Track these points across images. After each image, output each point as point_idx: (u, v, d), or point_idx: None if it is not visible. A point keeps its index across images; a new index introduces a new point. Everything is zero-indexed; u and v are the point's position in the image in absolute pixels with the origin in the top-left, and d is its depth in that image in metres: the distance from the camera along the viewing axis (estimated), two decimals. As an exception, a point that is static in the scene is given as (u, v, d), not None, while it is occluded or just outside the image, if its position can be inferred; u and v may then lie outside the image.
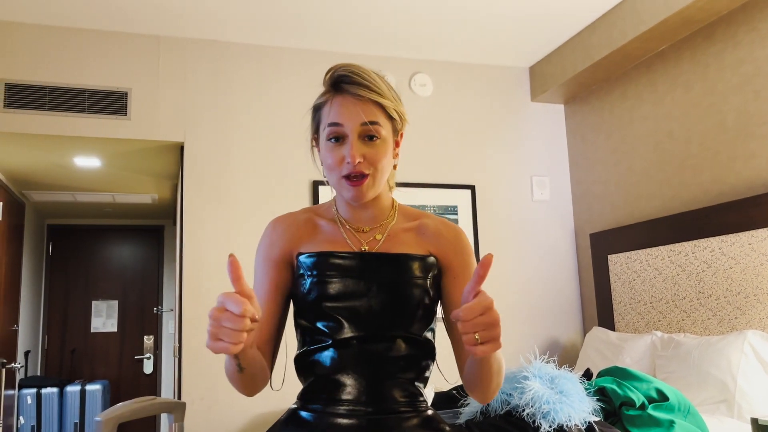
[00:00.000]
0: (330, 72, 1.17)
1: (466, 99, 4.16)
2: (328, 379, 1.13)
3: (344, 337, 1.12)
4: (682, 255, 3.30)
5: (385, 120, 1.16)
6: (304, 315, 1.17)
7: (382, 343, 1.12)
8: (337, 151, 1.14)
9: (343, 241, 1.19)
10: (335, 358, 1.12)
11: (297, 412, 1.16)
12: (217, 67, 3.71)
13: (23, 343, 4.92)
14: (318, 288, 1.14)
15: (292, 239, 1.21)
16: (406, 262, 1.16)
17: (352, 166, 1.11)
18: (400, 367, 1.13)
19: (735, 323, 2.99)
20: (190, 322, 3.46)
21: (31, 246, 5.20)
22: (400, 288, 1.14)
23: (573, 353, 4.03)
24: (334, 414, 1.10)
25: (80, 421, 4.77)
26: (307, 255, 1.17)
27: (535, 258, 4.12)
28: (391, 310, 1.13)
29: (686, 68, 3.40)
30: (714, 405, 2.70)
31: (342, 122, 1.13)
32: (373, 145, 1.14)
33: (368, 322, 1.12)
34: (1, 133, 3.36)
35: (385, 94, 1.15)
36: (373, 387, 1.11)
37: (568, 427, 2.29)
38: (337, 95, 1.15)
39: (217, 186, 3.61)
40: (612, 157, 3.95)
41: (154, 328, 6.06)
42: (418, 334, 1.16)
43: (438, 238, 1.22)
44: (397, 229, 1.22)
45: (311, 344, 1.16)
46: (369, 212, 1.22)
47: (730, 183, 3.13)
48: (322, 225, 1.23)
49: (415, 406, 1.15)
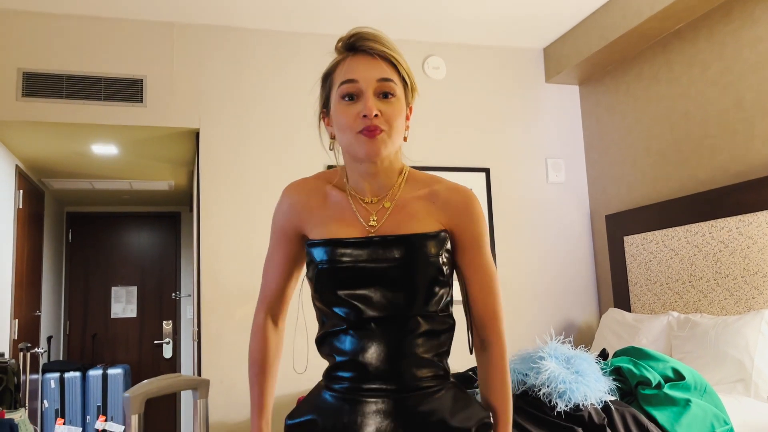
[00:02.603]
0: (345, 37, 1.18)
1: (479, 81, 4.14)
2: (349, 362, 1.13)
3: (362, 321, 1.13)
4: (698, 235, 3.29)
5: (399, 81, 1.16)
6: (320, 300, 1.18)
7: (399, 323, 1.12)
8: (352, 108, 1.13)
9: (351, 215, 1.18)
10: (354, 340, 1.13)
11: (322, 391, 1.19)
12: (232, 53, 3.72)
13: (46, 328, 5.02)
14: (330, 277, 1.14)
15: (302, 212, 1.23)
16: (416, 242, 1.14)
17: (369, 120, 1.10)
18: (419, 344, 1.13)
19: (752, 303, 2.98)
20: (208, 307, 3.50)
21: (51, 233, 5.28)
22: (413, 269, 1.13)
23: (589, 335, 4.03)
24: (358, 396, 1.12)
25: (103, 404, 4.87)
26: (315, 243, 1.17)
27: (550, 240, 4.12)
28: (406, 291, 1.12)
29: (703, 47, 3.36)
30: (731, 384, 2.70)
31: (357, 78, 1.12)
32: (389, 102, 1.13)
33: (384, 305, 1.12)
34: (20, 122, 3.40)
35: (399, 54, 1.17)
36: (395, 366, 1.11)
37: (584, 406, 2.31)
38: (350, 55, 1.16)
39: (233, 171, 3.64)
40: (628, 138, 3.92)
41: (172, 313, 6.14)
42: (436, 310, 1.16)
43: (448, 207, 1.19)
44: (406, 198, 1.19)
45: (330, 327, 1.17)
46: (379, 181, 1.19)
47: (748, 162, 3.10)
48: (333, 195, 1.22)
49: (438, 380, 1.15)
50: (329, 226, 1.18)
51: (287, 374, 1.85)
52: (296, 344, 1.71)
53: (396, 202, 1.18)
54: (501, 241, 3.97)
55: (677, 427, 2.32)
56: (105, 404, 4.89)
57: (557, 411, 2.29)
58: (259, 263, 3.77)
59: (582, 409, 2.29)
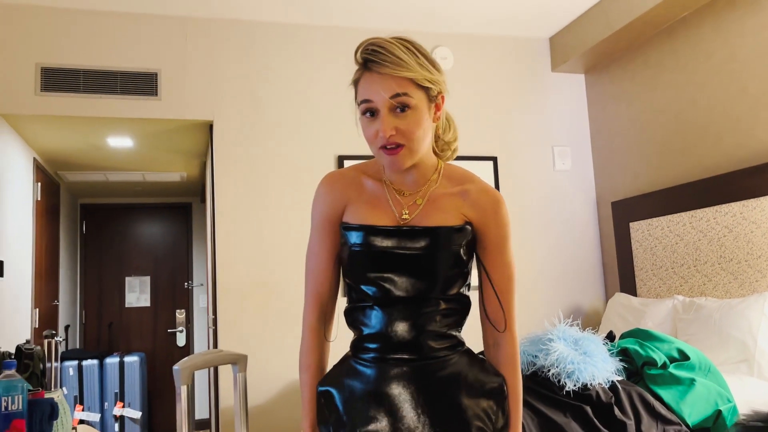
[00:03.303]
0: (357, 50, 1.23)
1: (487, 71, 4.20)
2: (375, 334, 1.25)
3: (387, 299, 1.24)
4: (703, 221, 3.35)
5: (415, 89, 1.19)
6: (350, 277, 1.29)
7: (421, 303, 1.23)
8: (373, 126, 1.21)
9: (386, 204, 1.27)
10: (380, 315, 1.24)
11: (350, 362, 1.30)
12: (244, 46, 3.79)
13: (63, 317, 5.14)
14: (361, 259, 1.24)
15: (341, 198, 1.31)
16: (440, 234, 1.24)
17: (384, 140, 1.18)
18: (438, 320, 1.25)
19: (756, 286, 3.05)
20: (224, 295, 3.60)
21: (66, 225, 5.39)
22: (436, 258, 1.23)
23: (596, 319, 4.12)
24: (383, 364, 1.24)
25: (120, 391, 4.99)
26: (350, 227, 1.27)
27: (557, 227, 4.19)
28: (429, 277, 1.23)
29: (708, 35, 3.41)
30: (734, 365, 2.78)
31: (372, 98, 1.19)
32: (405, 116, 1.19)
33: (408, 288, 1.23)
34: (38, 116, 3.49)
35: (409, 67, 1.18)
36: (416, 338, 1.23)
37: (592, 386, 2.39)
38: (365, 72, 1.22)
39: (246, 162, 3.72)
40: (633, 126, 3.98)
41: (185, 303, 6.25)
42: (454, 293, 1.27)
43: (477, 206, 1.28)
44: (438, 194, 1.28)
45: (357, 301, 1.28)
46: (411, 176, 1.29)
47: (752, 148, 3.16)
48: (369, 185, 1.31)
49: (454, 350, 1.28)
50: (364, 212, 1.27)
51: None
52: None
53: (428, 198, 1.27)
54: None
55: (682, 405, 2.40)
56: (122, 391, 5.01)
57: (566, 390, 2.38)
58: (272, 251, 3.87)
59: (590, 389, 2.38)
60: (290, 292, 3.65)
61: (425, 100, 1.22)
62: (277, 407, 3.55)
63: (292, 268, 3.68)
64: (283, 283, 3.66)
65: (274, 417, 3.52)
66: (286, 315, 3.63)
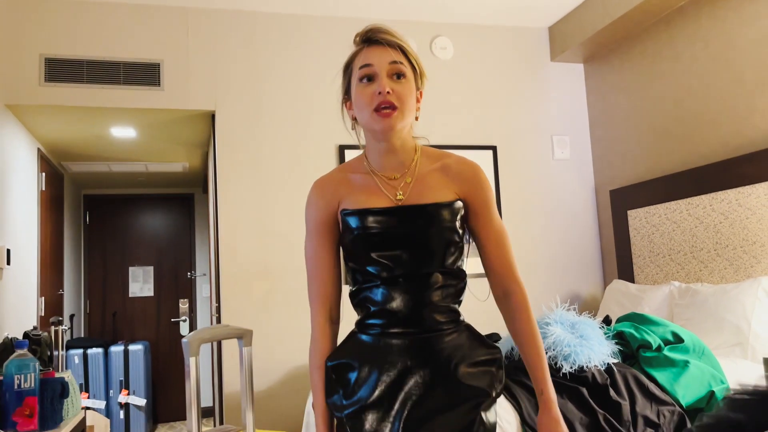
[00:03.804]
0: (361, 32, 1.36)
1: (486, 61, 4.24)
2: (380, 311, 1.32)
3: (391, 277, 1.31)
4: (700, 208, 3.40)
5: (408, 66, 1.33)
6: (354, 261, 1.36)
7: (422, 278, 1.31)
8: (369, 89, 1.31)
9: (379, 191, 1.35)
10: (385, 293, 1.32)
11: (357, 335, 1.38)
12: (245, 36, 3.83)
13: (68, 307, 5.19)
14: (363, 241, 1.32)
15: (333, 199, 1.38)
16: (436, 210, 1.32)
17: (383, 96, 1.28)
18: (438, 294, 1.32)
19: (751, 272, 3.10)
20: (227, 284, 3.65)
21: (70, 216, 5.44)
22: (433, 233, 1.31)
23: (594, 306, 4.17)
24: (388, 337, 1.31)
25: (125, 379, 5.06)
26: (350, 212, 1.34)
27: (556, 215, 4.24)
28: (427, 251, 1.31)
29: (705, 23, 3.44)
30: (729, 348, 2.83)
31: (372, 62, 1.31)
32: (400, 82, 1.31)
33: (409, 264, 1.31)
34: (42, 106, 3.53)
35: (405, 41, 1.35)
36: (418, 313, 1.31)
37: (588, 368, 2.45)
38: (366, 46, 1.35)
39: (248, 151, 3.76)
40: (632, 114, 4.01)
41: (188, 292, 6.31)
42: (451, 267, 1.34)
43: (460, 178, 1.38)
44: (423, 172, 1.37)
45: (363, 282, 1.36)
46: (397, 158, 1.37)
47: (748, 136, 3.20)
48: (357, 179, 1.39)
49: (453, 323, 1.35)
50: (361, 199, 1.35)
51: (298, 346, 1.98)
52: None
53: (416, 177, 1.36)
54: (508, 216, 4.09)
55: (676, 387, 2.46)
56: (127, 379, 5.07)
57: (563, 372, 2.43)
58: (275, 239, 3.92)
59: (586, 371, 2.44)
60: (293, 280, 3.70)
61: (413, 80, 1.35)
62: (281, 393, 3.61)
63: (294, 256, 3.73)
64: (285, 271, 3.71)
65: (277, 402, 3.58)
66: (288, 303, 3.69)
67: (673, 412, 2.41)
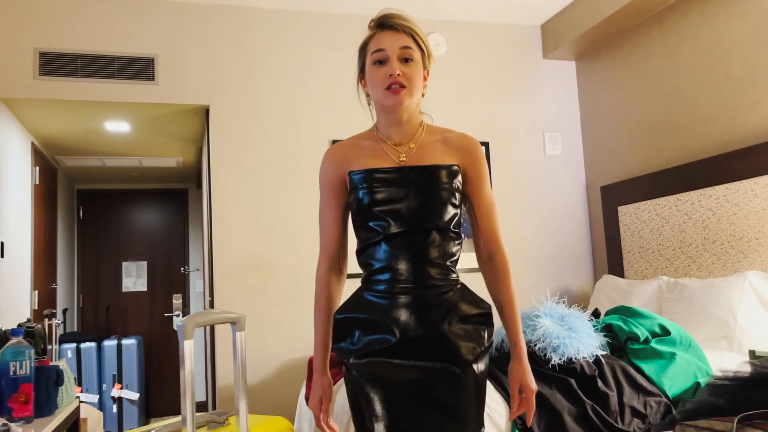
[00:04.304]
0: (376, 17, 1.53)
1: (479, 57, 4.27)
2: (382, 267, 1.45)
3: (392, 233, 1.44)
4: (688, 204, 3.44)
5: (417, 49, 1.49)
6: (360, 218, 1.49)
7: (420, 235, 1.44)
8: (382, 71, 1.47)
9: (384, 154, 1.50)
10: (386, 249, 1.45)
11: (362, 292, 1.51)
12: (240, 32, 3.85)
13: (61, 301, 5.20)
14: (369, 197, 1.46)
15: (342, 162, 1.53)
16: (435, 171, 1.47)
17: (393, 78, 1.44)
18: (435, 252, 1.45)
19: (738, 266, 3.15)
20: (221, 278, 3.67)
21: (63, 210, 5.44)
22: (431, 191, 1.45)
23: (584, 300, 4.21)
24: (389, 292, 1.44)
25: (118, 373, 5.07)
26: (356, 172, 1.49)
27: (548, 211, 4.28)
28: (425, 208, 1.45)
29: (695, 20, 3.48)
30: (715, 341, 2.88)
31: (385, 47, 1.47)
32: (409, 65, 1.47)
33: (408, 220, 1.44)
34: (36, 100, 3.54)
35: (416, 25, 1.51)
36: (417, 269, 1.43)
37: (577, 359, 2.49)
38: (379, 31, 1.50)
39: (242, 146, 3.78)
40: (623, 111, 4.05)
41: (181, 287, 6.32)
42: (447, 226, 1.47)
43: (460, 149, 1.53)
44: (426, 141, 1.53)
45: (367, 240, 1.49)
46: (403, 128, 1.52)
47: (736, 132, 3.24)
48: (366, 145, 1.54)
49: (448, 281, 1.47)
50: (367, 161, 1.50)
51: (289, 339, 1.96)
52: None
53: (419, 144, 1.52)
54: (500, 212, 4.10)
55: (663, 378, 2.50)
56: (120, 373, 5.08)
57: (552, 364, 2.47)
58: (269, 233, 3.94)
59: (574, 362, 2.47)
60: (285, 275, 3.73)
61: (421, 62, 1.50)
62: (274, 385, 3.63)
63: (287, 251, 3.75)
64: (278, 266, 3.74)
65: (270, 395, 3.61)
66: (281, 297, 3.71)
67: (659, 402, 2.45)
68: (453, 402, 1.41)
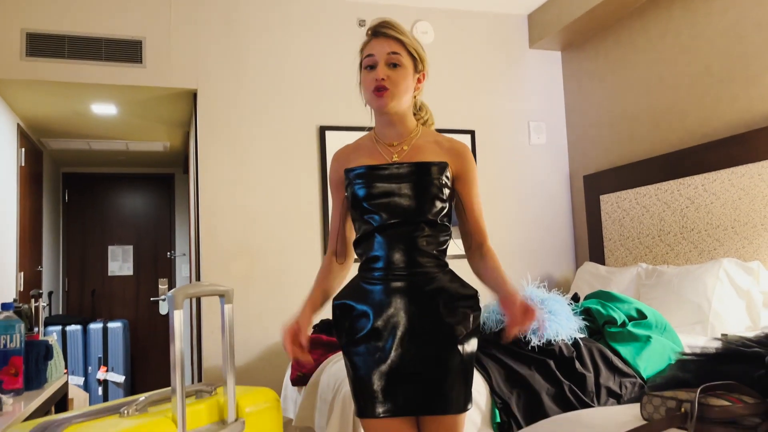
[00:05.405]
0: (372, 25, 1.63)
1: (466, 46, 4.31)
2: (375, 256, 1.58)
3: (385, 224, 1.56)
4: (668, 193, 3.52)
5: (407, 56, 1.60)
6: (356, 211, 1.62)
7: (411, 226, 1.56)
8: (370, 75, 1.59)
9: (378, 153, 1.63)
10: (381, 241, 1.57)
11: (357, 279, 1.63)
12: (229, 15, 3.85)
13: (46, 284, 5.20)
14: (364, 191, 1.58)
15: (344, 162, 1.67)
16: (424, 167, 1.58)
17: (378, 82, 1.56)
18: (424, 242, 1.57)
19: (714, 254, 3.23)
20: (208, 263, 3.70)
21: (49, 193, 5.42)
22: (421, 186, 1.57)
23: (565, 286, 4.29)
24: (382, 279, 1.56)
25: (104, 356, 5.09)
26: (351, 168, 1.62)
27: (531, 199, 4.34)
28: (416, 202, 1.56)
29: (677, 14, 3.54)
30: (690, 326, 2.97)
31: (374, 53, 1.59)
32: (395, 70, 1.58)
33: (400, 212, 1.56)
34: (23, 81, 3.53)
35: (405, 34, 1.61)
36: (408, 258, 1.56)
37: (555, 342, 2.56)
38: (373, 39, 1.62)
39: (230, 130, 3.80)
40: (606, 102, 4.12)
41: (167, 272, 6.34)
42: (436, 219, 1.58)
43: (451, 152, 1.65)
44: (419, 143, 1.65)
45: (362, 231, 1.61)
46: (396, 130, 1.65)
47: (713, 125, 3.32)
48: (364, 146, 1.67)
49: (438, 268, 1.59)
50: (362, 160, 1.64)
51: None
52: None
53: (412, 145, 1.64)
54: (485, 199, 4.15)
55: (638, 360, 2.58)
56: (106, 356, 5.10)
57: (531, 346, 2.54)
58: (255, 218, 3.98)
59: (553, 344, 2.54)
60: (272, 260, 3.77)
61: (412, 67, 1.62)
62: (260, 368, 3.68)
63: (273, 236, 3.79)
64: (265, 251, 3.77)
65: (256, 378, 3.65)
66: (267, 282, 3.75)
67: (634, 383, 2.53)
68: (441, 381, 1.52)
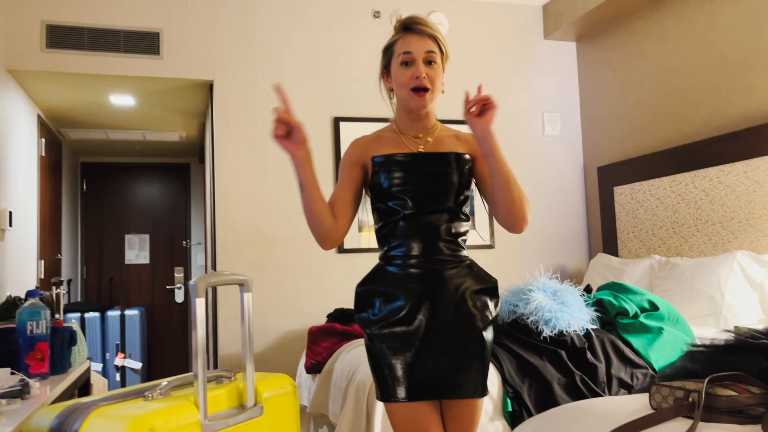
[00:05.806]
0: (401, 21, 1.67)
1: (480, 37, 4.31)
2: (400, 244, 1.62)
3: (409, 212, 1.61)
4: (682, 185, 3.51)
5: (438, 53, 1.66)
6: (381, 199, 1.66)
7: (433, 215, 1.61)
8: (408, 72, 1.63)
9: (404, 145, 1.68)
10: (404, 227, 1.62)
11: (383, 267, 1.66)
12: (244, 7, 3.88)
13: (65, 272, 5.29)
14: (389, 179, 1.63)
15: (365, 150, 1.69)
16: (446, 157, 1.65)
17: (420, 80, 1.61)
18: (445, 229, 1.62)
19: (728, 246, 3.23)
20: (223, 251, 3.75)
21: (68, 182, 5.51)
22: (444, 176, 1.63)
23: (578, 277, 4.30)
24: (407, 266, 1.61)
25: (121, 343, 5.18)
26: (379, 157, 1.66)
27: (546, 191, 4.35)
28: (437, 190, 1.62)
29: (692, 3, 3.52)
30: (703, 318, 2.97)
31: (412, 50, 1.63)
32: (432, 68, 1.64)
33: (423, 200, 1.61)
34: (43, 72, 3.59)
35: (439, 32, 1.67)
36: (429, 246, 1.61)
37: (567, 332, 2.58)
38: (406, 34, 1.65)
39: (245, 120, 3.84)
40: (620, 93, 4.11)
41: (183, 260, 6.42)
42: (457, 207, 1.64)
43: (469, 140, 1.72)
44: (441, 135, 1.72)
45: (387, 218, 1.65)
46: (421, 124, 1.70)
47: (729, 115, 3.30)
48: (387, 138, 1.71)
49: (458, 256, 1.65)
50: (388, 150, 1.67)
51: (293, 312, 2.00)
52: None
53: (435, 137, 1.70)
54: (498, 190, 4.19)
55: (650, 352, 2.59)
56: (123, 342, 5.20)
57: (543, 336, 2.56)
58: (270, 206, 4.02)
59: (565, 335, 2.57)
60: (286, 247, 3.81)
61: (441, 64, 1.68)
62: (274, 355, 3.74)
63: (289, 224, 3.83)
64: (280, 239, 3.82)
65: (270, 365, 3.71)
66: (282, 269, 3.80)
67: (645, 375, 2.54)
68: (465, 366, 1.57)
